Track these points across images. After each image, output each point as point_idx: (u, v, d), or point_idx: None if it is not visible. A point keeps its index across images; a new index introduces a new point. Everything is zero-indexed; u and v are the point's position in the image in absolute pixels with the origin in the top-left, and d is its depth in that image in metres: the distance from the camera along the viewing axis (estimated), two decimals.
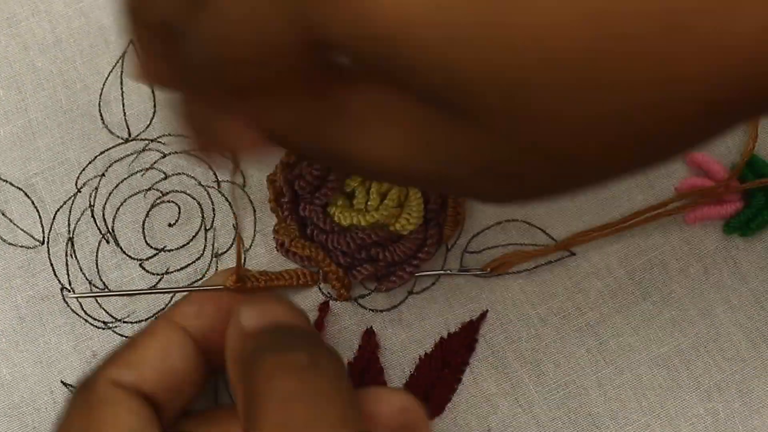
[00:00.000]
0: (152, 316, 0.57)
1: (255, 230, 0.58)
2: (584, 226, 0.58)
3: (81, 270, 0.57)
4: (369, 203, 0.56)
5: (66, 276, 0.57)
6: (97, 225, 0.58)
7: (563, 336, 0.57)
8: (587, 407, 0.56)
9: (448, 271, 0.57)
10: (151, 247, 0.57)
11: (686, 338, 0.57)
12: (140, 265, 0.57)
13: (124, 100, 0.59)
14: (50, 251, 0.57)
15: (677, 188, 0.58)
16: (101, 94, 0.59)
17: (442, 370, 0.56)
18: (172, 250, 0.57)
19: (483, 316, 0.57)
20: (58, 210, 0.58)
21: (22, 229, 0.58)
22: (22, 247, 0.57)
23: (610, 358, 0.57)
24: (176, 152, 0.58)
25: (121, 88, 0.59)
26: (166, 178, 0.58)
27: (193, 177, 0.58)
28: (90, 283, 0.57)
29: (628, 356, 0.57)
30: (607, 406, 0.56)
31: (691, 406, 0.56)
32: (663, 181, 0.59)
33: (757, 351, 0.57)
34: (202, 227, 0.57)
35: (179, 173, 0.58)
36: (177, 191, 0.58)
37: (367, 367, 0.55)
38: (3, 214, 0.58)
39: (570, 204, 0.58)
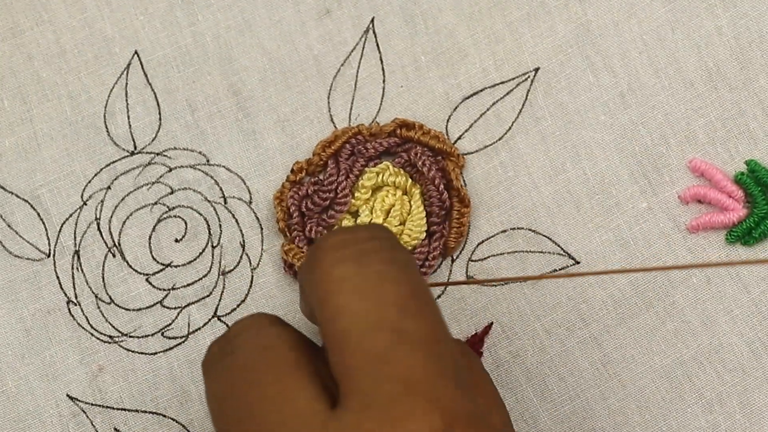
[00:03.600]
0: (158, 332, 0.56)
1: (262, 249, 0.57)
2: (589, 233, 0.57)
3: (87, 283, 0.57)
4: (373, 221, 0.56)
5: (72, 289, 0.57)
6: (103, 238, 0.57)
7: (567, 349, 0.56)
8: (591, 422, 0.56)
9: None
10: (158, 262, 0.57)
11: (688, 349, 0.57)
12: (147, 280, 0.57)
13: (129, 113, 0.58)
14: (56, 264, 0.57)
15: (681, 196, 0.58)
16: (106, 105, 0.58)
17: None
18: (179, 265, 0.57)
19: (488, 328, 0.56)
20: (64, 222, 0.57)
21: (28, 242, 0.57)
22: (28, 259, 0.57)
23: (614, 370, 0.56)
24: (182, 167, 0.57)
25: (126, 100, 0.58)
26: (172, 192, 0.57)
27: (199, 192, 0.57)
28: (96, 297, 0.56)
29: (631, 368, 0.56)
30: (611, 419, 0.56)
31: (693, 419, 0.56)
32: (667, 188, 0.58)
33: (759, 361, 0.57)
34: (209, 244, 0.57)
35: (185, 188, 0.57)
36: (183, 206, 0.57)
37: None
38: (9, 226, 0.57)
39: (575, 212, 0.57)
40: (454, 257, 0.57)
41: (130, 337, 0.56)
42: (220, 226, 0.57)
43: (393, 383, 0.39)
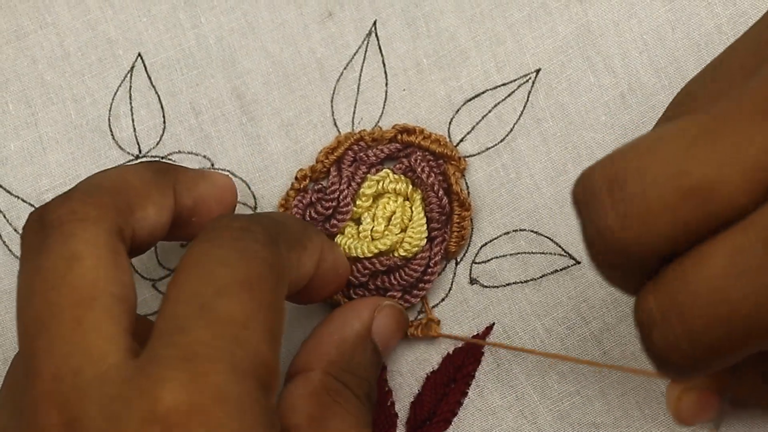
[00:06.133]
0: None
1: None
2: None
3: None
4: (374, 228, 0.55)
5: None
6: None
7: (568, 347, 0.56)
8: (591, 417, 0.55)
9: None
10: (164, 267, 0.56)
11: None
12: (153, 285, 0.56)
13: (134, 116, 0.57)
14: None
15: None
16: (110, 108, 0.57)
17: (448, 386, 0.55)
18: None
19: (489, 329, 0.56)
20: None
21: None
22: None
23: None
24: None
25: (130, 103, 0.57)
26: None
27: None
28: None
29: (631, 365, 0.56)
30: (611, 415, 0.55)
31: None
32: None
33: None
34: None
35: None
36: None
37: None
38: (15, 231, 0.56)
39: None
40: (458, 260, 0.56)
41: None
42: None
43: (176, 350, 0.38)
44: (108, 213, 0.42)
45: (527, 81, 0.57)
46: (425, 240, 0.55)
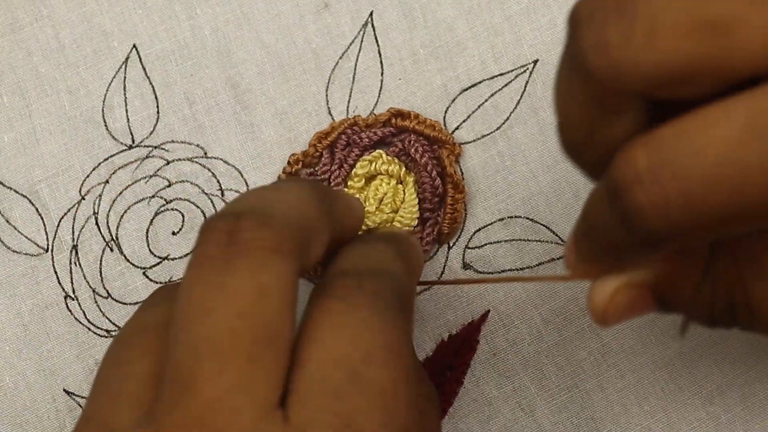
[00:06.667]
0: None
1: None
2: None
3: (85, 278, 0.55)
4: (366, 209, 0.54)
5: (70, 284, 0.55)
6: (101, 233, 0.55)
7: (566, 338, 0.55)
8: (589, 411, 0.54)
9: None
10: (155, 255, 0.55)
11: (688, 341, 0.55)
12: (144, 273, 0.55)
13: (128, 106, 0.56)
14: (54, 259, 0.55)
15: None
16: (104, 99, 0.57)
17: (443, 374, 0.54)
18: (176, 258, 0.55)
19: (485, 316, 0.55)
20: (63, 217, 0.56)
21: (27, 237, 0.55)
22: (26, 254, 0.55)
23: (612, 360, 0.55)
24: (179, 159, 0.56)
25: (124, 94, 0.56)
26: (169, 185, 0.56)
27: (196, 185, 0.56)
28: (94, 291, 0.55)
29: (630, 359, 0.55)
30: (609, 409, 0.54)
31: (693, 410, 0.55)
32: None
33: (759, 355, 0.55)
34: None
35: (183, 181, 0.56)
36: (180, 199, 0.56)
37: None
38: (7, 222, 0.56)
39: (574, 201, 0.56)
40: (451, 244, 0.55)
41: None
42: None
43: (335, 418, 0.37)
44: (298, 251, 0.40)
45: (525, 71, 0.57)
46: (416, 221, 0.54)
